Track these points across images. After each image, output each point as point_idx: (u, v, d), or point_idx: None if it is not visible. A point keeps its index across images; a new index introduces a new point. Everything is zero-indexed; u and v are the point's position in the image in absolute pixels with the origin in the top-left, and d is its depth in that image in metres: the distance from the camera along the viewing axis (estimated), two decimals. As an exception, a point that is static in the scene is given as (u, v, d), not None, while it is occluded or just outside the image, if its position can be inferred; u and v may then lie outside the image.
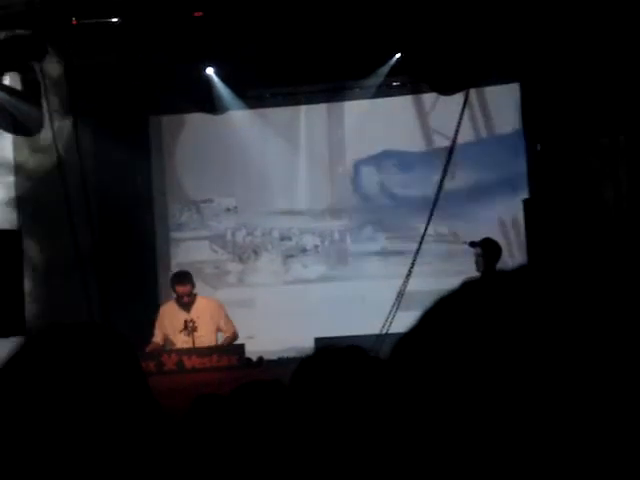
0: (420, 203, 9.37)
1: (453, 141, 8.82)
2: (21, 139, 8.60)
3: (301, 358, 2.09)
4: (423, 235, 8.78)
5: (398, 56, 9.22)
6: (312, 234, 10.23)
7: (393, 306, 8.27)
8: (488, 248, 7.67)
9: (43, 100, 8.30)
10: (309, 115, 10.14)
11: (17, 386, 1.39)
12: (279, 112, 10.11)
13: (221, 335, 8.03)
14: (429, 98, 9.81)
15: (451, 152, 8.84)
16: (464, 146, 9.43)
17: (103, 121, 9.22)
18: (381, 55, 9.23)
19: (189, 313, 7.89)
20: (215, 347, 7.73)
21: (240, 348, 7.66)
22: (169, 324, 7.94)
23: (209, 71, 9.51)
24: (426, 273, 9.01)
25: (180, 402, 3.39)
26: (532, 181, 9.40)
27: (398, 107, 9.94)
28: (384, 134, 9.93)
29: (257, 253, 10.29)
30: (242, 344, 7.75)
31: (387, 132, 9.91)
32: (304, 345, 7.01)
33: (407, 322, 0.75)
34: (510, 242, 9.37)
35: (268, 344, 8.65)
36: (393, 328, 7.81)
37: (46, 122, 8.27)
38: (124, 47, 8.58)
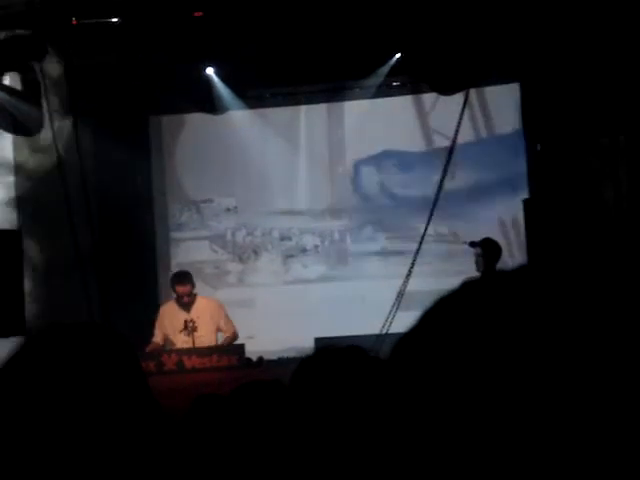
0: (420, 203, 9.37)
1: (453, 141, 8.82)
2: (21, 139, 8.60)
3: (301, 358, 2.09)
4: (423, 235, 8.78)
5: (398, 56, 9.22)
6: (312, 234, 10.23)
7: (393, 306, 8.27)
8: (488, 248, 7.67)
9: (43, 100, 8.30)
10: (309, 115, 10.14)
11: (17, 386, 1.39)
12: (279, 112, 10.11)
13: (221, 335, 8.03)
14: (429, 98, 9.81)
15: (451, 152, 8.84)
16: (464, 146, 9.43)
17: (103, 121, 9.22)
18: (381, 55, 9.23)
19: (189, 313, 7.88)
20: (215, 347, 7.73)
21: (240, 348, 7.66)
22: (169, 324, 7.93)
23: (209, 71, 9.50)
24: (426, 273, 9.01)
25: (180, 402, 3.39)
26: (532, 181, 9.40)
27: (398, 107, 9.93)
28: (384, 134, 9.92)
29: (257, 253, 10.29)
30: (242, 344, 7.75)
31: (387, 132, 9.91)
32: (304, 345, 7.01)
33: (407, 322, 0.75)
34: (510, 242, 9.37)
35: (268, 344, 8.65)
36: (393, 328, 7.82)
37: (46, 122, 8.26)
38: (124, 47, 8.59)
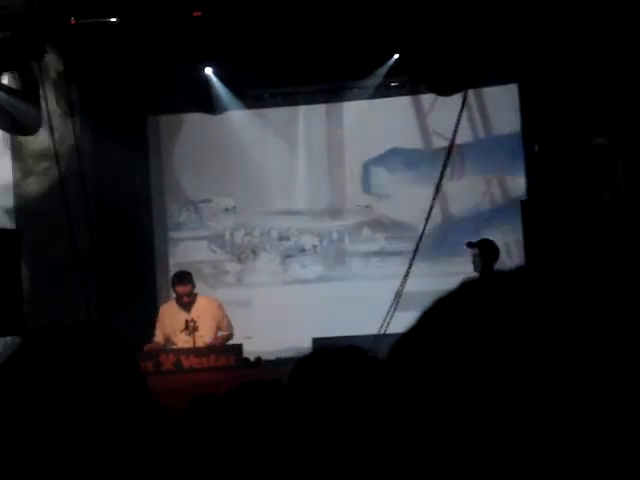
0: (420, 203, 9.36)
1: (451, 142, 8.83)
2: (19, 139, 8.59)
3: (299, 358, 2.08)
4: (421, 235, 8.79)
5: (396, 57, 9.22)
6: (310, 234, 10.22)
7: (391, 306, 8.27)
8: (486, 249, 7.67)
9: (42, 100, 8.29)
10: (308, 115, 10.13)
11: (15, 385, 1.39)
12: (278, 112, 10.10)
13: (221, 335, 8.03)
14: (427, 99, 9.80)
15: (449, 153, 8.84)
16: (462, 147, 9.43)
17: (102, 121, 9.21)
18: (379, 56, 9.23)
19: (189, 313, 7.88)
20: (213, 347, 7.72)
21: (238, 348, 7.65)
22: (169, 324, 7.93)
23: (208, 71, 9.49)
24: (424, 273, 9.01)
25: (178, 402, 3.39)
26: (530, 182, 9.41)
27: (397, 108, 9.93)
28: (383, 135, 9.92)
29: (255, 253, 10.28)
30: (240, 344, 7.74)
31: (386, 133, 9.91)
32: (302, 345, 7.01)
33: (405, 322, 0.75)
34: (508, 243, 9.36)
35: (266, 344, 8.64)
36: (391, 328, 7.82)
37: (44, 122, 8.26)
38: (123, 47, 8.58)
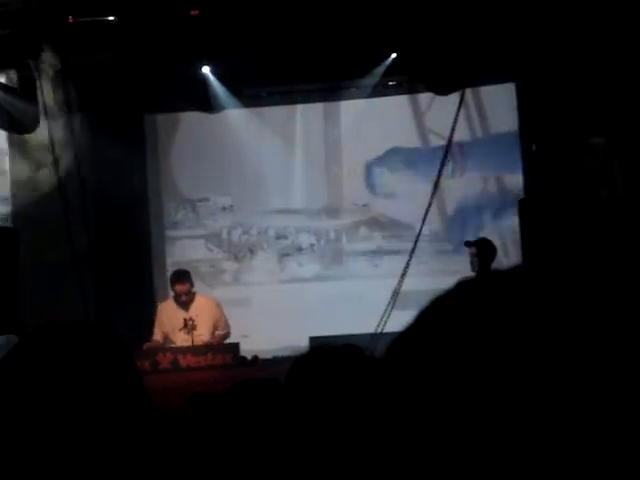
0: (417, 202, 9.36)
1: (449, 141, 8.83)
2: (16, 137, 8.58)
3: (296, 357, 2.09)
4: (418, 234, 8.80)
5: (394, 56, 9.21)
6: (308, 233, 10.22)
7: (388, 305, 8.27)
8: (483, 248, 7.68)
9: (39, 98, 8.29)
10: (305, 114, 10.13)
11: (12, 385, 1.38)
12: (275, 111, 10.10)
13: (218, 334, 8.03)
14: (425, 98, 9.80)
15: (447, 152, 8.85)
16: (460, 146, 9.44)
17: (99, 119, 9.20)
18: (377, 55, 9.22)
19: (188, 312, 7.88)
20: (210, 346, 7.72)
21: (235, 347, 7.65)
22: (168, 322, 7.93)
23: (205, 70, 9.48)
24: (422, 272, 9.02)
25: (175, 401, 3.39)
26: (527, 181, 9.42)
27: (394, 107, 9.93)
28: (380, 134, 9.92)
29: (253, 252, 10.28)
30: (237, 343, 7.74)
31: (384, 132, 9.91)
32: (299, 344, 7.02)
33: (402, 321, 0.75)
34: (505, 242, 9.37)
35: (263, 343, 8.64)
36: (388, 327, 7.82)
37: (42, 120, 8.25)
38: (120, 45, 8.57)
